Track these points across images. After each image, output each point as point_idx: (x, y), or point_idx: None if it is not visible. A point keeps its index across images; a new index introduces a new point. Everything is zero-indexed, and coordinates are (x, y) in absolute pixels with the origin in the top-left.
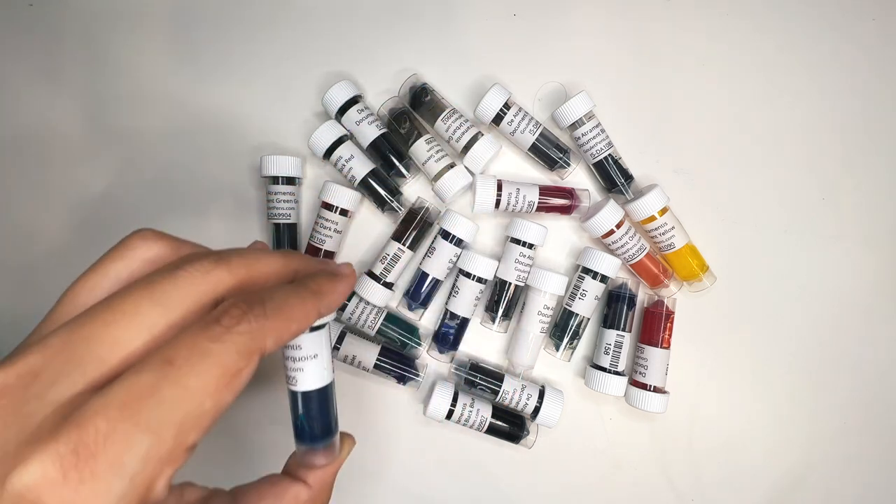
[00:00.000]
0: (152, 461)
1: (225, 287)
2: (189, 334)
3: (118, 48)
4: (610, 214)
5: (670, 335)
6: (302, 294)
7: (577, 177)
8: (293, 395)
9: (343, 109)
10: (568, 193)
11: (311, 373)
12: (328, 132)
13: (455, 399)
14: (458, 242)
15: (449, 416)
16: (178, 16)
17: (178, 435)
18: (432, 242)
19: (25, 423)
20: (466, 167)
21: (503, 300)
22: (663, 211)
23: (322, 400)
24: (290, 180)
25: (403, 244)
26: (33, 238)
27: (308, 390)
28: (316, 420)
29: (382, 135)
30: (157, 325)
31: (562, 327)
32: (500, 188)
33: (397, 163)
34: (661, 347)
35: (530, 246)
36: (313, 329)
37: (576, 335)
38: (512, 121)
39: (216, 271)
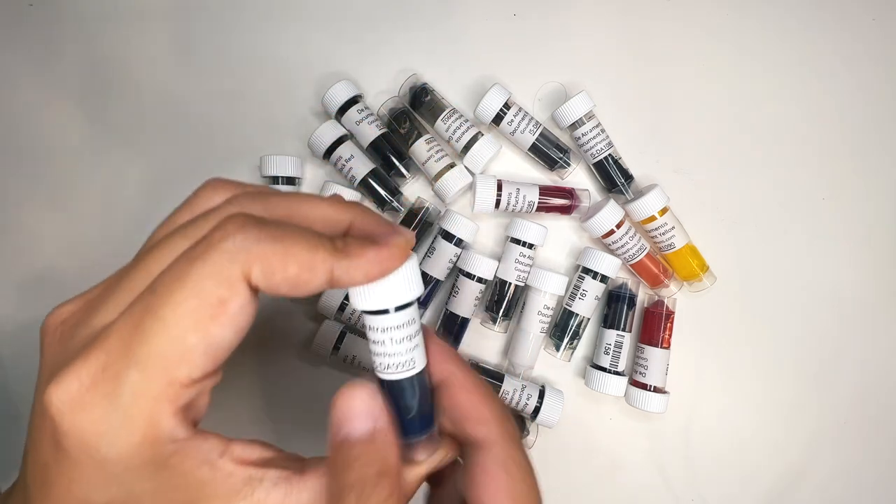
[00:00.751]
0: (143, 396)
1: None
2: (182, 255)
3: (118, 48)
4: (610, 214)
5: (670, 335)
6: (316, 239)
7: (577, 177)
8: (380, 381)
9: (343, 109)
10: (568, 193)
11: (396, 357)
12: (328, 132)
13: None
14: (459, 242)
15: None
16: (177, 15)
17: (166, 371)
18: (432, 242)
19: (71, 346)
20: (466, 167)
21: (503, 300)
22: (663, 211)
23: (412, 389)
24: (290, 180)
25: None
26: (32, 237)
27: (394, 379)
28: (405, 411)
29: (382, 135)
30: (178, 252)
31: (562, 327)
32: (500, 188)
33: (397, 163)
34: (661, 347)
35: (530, 246)
36: (398, 308)
37: (576, 335)
38: (512, 121)
39: (250, 205)
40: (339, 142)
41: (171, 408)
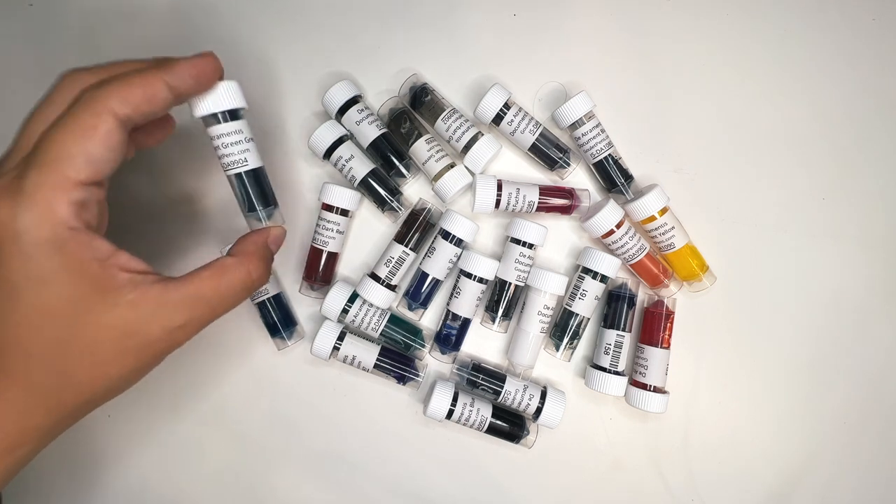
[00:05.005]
0: (41, 186)
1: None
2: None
3: (118, 48)
4: (610, 214)
5: (670, 335)
6: (145, 68)
7: (577, 177)
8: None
9: (343, 109)
10: (568, 193)
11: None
12: (328, 132)
13: (455, 399)
14: (459, 242)
15: (449, 415)
16: (177, 16)
17: (57, 168)
18: (432, 242)
19: None
20: (466, 167)
21: (503, 300)
22: (663, 211)
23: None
24: (233, 114)
25: (407, 246)
26: None
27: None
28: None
29: (382, 135)
30: (54, 113)
31: (562, 327)
32: (500, 188)
33: (397, 163)
34: (661, 347)
35: (530, 246)
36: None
37: (576, 335)
38: (512, 121)
39: (97, 79)
40: (339, 142)
41: (65, 198)
